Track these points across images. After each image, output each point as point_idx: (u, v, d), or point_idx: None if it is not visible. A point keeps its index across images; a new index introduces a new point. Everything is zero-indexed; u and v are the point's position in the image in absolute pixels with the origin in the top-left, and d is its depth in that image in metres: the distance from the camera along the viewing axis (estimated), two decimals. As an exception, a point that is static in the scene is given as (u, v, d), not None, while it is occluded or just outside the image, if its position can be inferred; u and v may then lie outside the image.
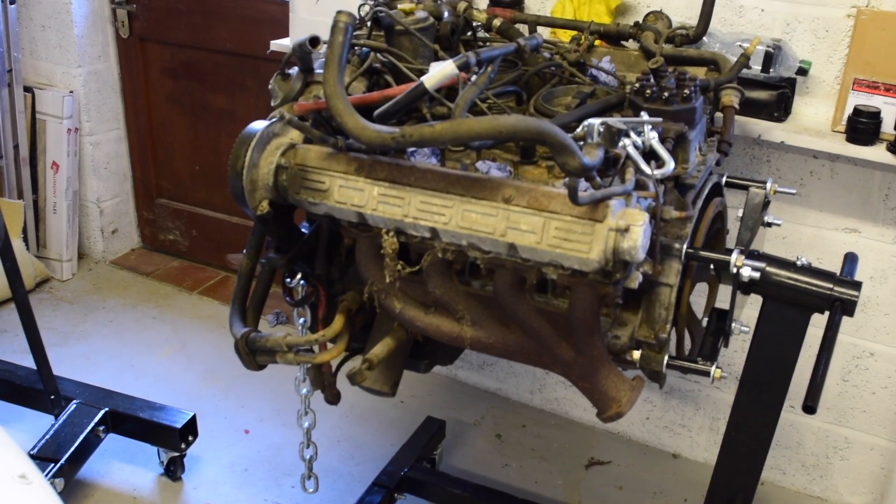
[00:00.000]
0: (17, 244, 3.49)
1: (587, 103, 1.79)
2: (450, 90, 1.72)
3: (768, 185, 1.90)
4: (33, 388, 2.63)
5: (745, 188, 1.93)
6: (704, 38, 2.18)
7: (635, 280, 1.58)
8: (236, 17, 3.29)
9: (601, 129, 1.53)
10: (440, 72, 1.56)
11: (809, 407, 1.60)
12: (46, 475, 2.33)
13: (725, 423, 2.65)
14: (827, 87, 2.23)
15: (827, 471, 2.63)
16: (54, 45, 3.47)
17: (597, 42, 2.15)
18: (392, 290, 1.77)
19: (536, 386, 3.00)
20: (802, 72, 2.19)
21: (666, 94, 1.71)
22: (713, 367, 1.72)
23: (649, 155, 1.60)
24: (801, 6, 2.19)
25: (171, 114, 3.63)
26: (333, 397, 2.04)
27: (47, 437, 2.46)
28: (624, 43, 2.16)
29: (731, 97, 1.96)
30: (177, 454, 2.62)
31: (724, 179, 1.96)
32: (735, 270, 1.65)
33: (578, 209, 1.47)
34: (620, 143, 1.57)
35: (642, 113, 1.64)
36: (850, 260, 1.86)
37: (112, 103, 3.65)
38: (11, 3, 3.33)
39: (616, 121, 1.55)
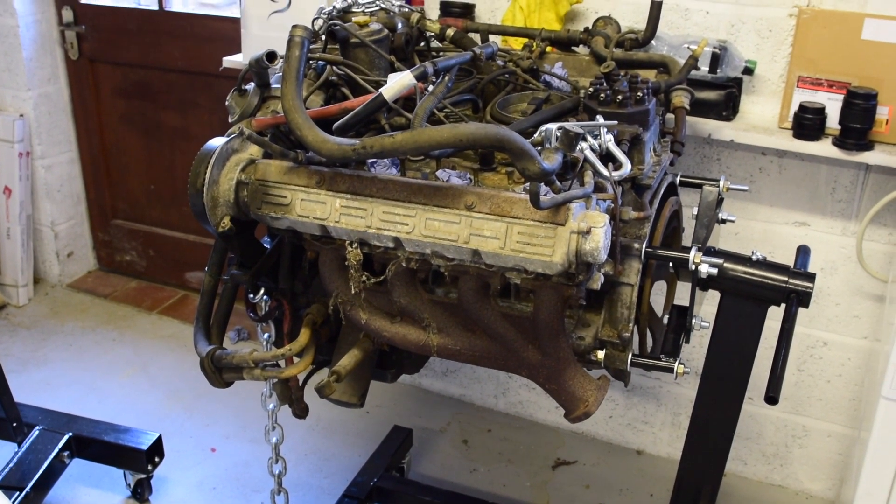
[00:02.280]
0: (-30, 271, 3.45)
1: (542, 109, 1.83)
2: (407, 101, 1.74)
3: (721, 183, 1.95)
4: (-3, 417, 2.59)
5: (699, 186, 1.98)
6: (653, 42, 2.23)
7: (597, 281, 1.61)
8: (187, 35, 3.28)
9: (559, 134, 1.56)
10: (398, 82, 1.58)
11: (772, 398, 1.64)
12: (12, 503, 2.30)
13: (687, 418, 2.72)
14: (773, 85, 2.29)
15: (787, 459, 2.69)
16: (2, 69, 3.42)
17: (548, 49, 2.19)
18: (357, 301, 1.79)
19: (500, 390, 3.03)
20: (748, 71, 2.25)
21: (619, 97, 1.75)
22: (676, 363, 1.76)
23: (606, 157, 1.64)
24: (744, 7, 2.25)
25: (125, 134, 3.61)
26: (301, 411, 2.04)
27: (11, 464, 2.43)
28: (575, 49, 2.20)
29: (681, 98, 2.01)
30: (144, 476, 2.59)
31: (678, 179, 2.00)
32: (693, 267, 1.69)
33: (540, 213, 1.50)
34: (578, 147, 1.61)
35: (597, 116, 1.68)
36: (804, 253, 1.91)
37: (63, 126, 3.61)
38: (-45, 27, 3.28)
39: (573, 125, 1.59)
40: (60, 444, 2.51)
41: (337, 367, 1.84)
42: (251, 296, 2.01)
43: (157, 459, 2.59)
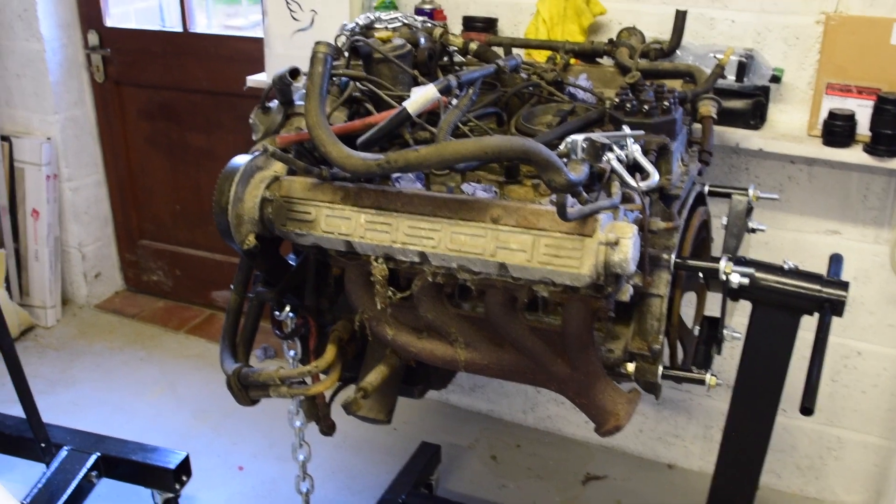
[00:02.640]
0: (1, 293, 3.47)
1: (568, 121, 1.81)
2: (431, 115, 1.74)
3: (750, 192, 1.92)
4: (23, 436, 2.60)
5: (728, 196, 1.95)
6: (678, 52, 2.22)
7: (626, 293, 1.59)
8: (210, 56, 3.30)
9: (584, 145, 1.54)
10: (422, 96, 1.57)
11: (807, 409, 1.61)
12: (41, 524, 2.30)
13: (719, 430, 2.68)
14: (800, 93, 2.26)
15: (822, 472, 2.64)
16: (30, 94, 3.46)
17: (572, 61, 2.17)
18: (383, 316, 1.77)
19: (529, 405, 3.00)
20: (776, 79, 2.23)
21: (646, 107, 1.73)
22: (708, 375, 1.73)
23: (633, 168, 1.63)
24: (770, 15, 2.23)
25: (150, 156, 3.63)
26: (328, 428, 2.03)
27: (39, 485, 2.43)
28: (599, 60, 2.19)
29: (708, 107, 1.99)
30: (171, 495, 2.59)
31: (706, 189, 1.97)
32: (724, 277, 1.66)
33: (567, 225, 1.48)
34: (604, 158, 1.59)
35: (623, 127, 1.66)
36: (836, 261, 1.89)
37: (90, 148, 3.65)
38: (-17, 52, 3.33)
39: (599, 136, 1.57)
40: (88, 465, 2.51)
41: (364, 383, 1.83)
42: (277, 313, 2.00)
43: (184, 478, 2.59)
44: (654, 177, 1.59)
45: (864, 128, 2.12)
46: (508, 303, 1.66)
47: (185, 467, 2.58)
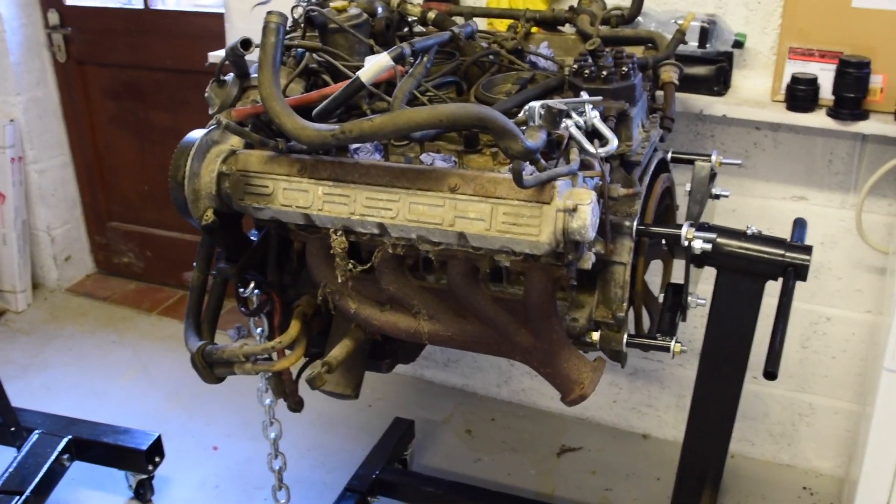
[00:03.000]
0: (-33, 279, 3.43)
1: (527, 89, 1.79)
2: (390, 85, 1.71)
3: (713, 158, 1.91)
4: (-5, 422, 2.57)
5: (691, 162, 1.94)
6: (640, 19, 2.20)
7: (588, 261, 1.58)
8: (174, 34, 3.25)
9: (542, 112, 1.53)
10: (375, 65, 1.55)
11: (770, 373, 1.61)
12: (11, 509, 2.28)
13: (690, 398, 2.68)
14: (763, 58, 2.25)
15: (794, 438, 2.65)
16: (-10, 75, 3.41)
17: (534, 29, 2.15)
18: (346, 290, 1.76)
19: (503, 379, 3.00)
20: (738, 44, 2.22)
21: (604, 72, 1.71)
22: (673, 342, 1.73)
23: (593, 134, 1.61)
24: (732, -20, 2.22)
25: (116, 136, 3.58)
26: (296, 404, 2.01)
27: (10, 469, 2.41)
28: (561, 28, 2.17)
29: (669, 73, 1.98)
30: (145, 476, 2.57)
31: (669, 155, 1.96)
32: (686, 243, 1.65)
33: (525, 193, 1.46)
34: (563, 125, 1.57)
35: (582, 93, 1.65)
36: (800, 225, 1.88)
37: (55, 129, 3.59)
38: (-59, 34, 3.26)
39: (556, 102, 1.55)
40: (60, 447, 2.49)
41: (328, 357, 1.81)
42: (241, 290, 1.98)
43: (157, 459, 2.57)
44: (613, 143, 1.58)
45: (827, 92, 2.11)
46: (470, 273, 1.65)
47: (157, 448, 2.57)
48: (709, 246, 1.67)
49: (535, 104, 1.53)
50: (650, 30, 2.07)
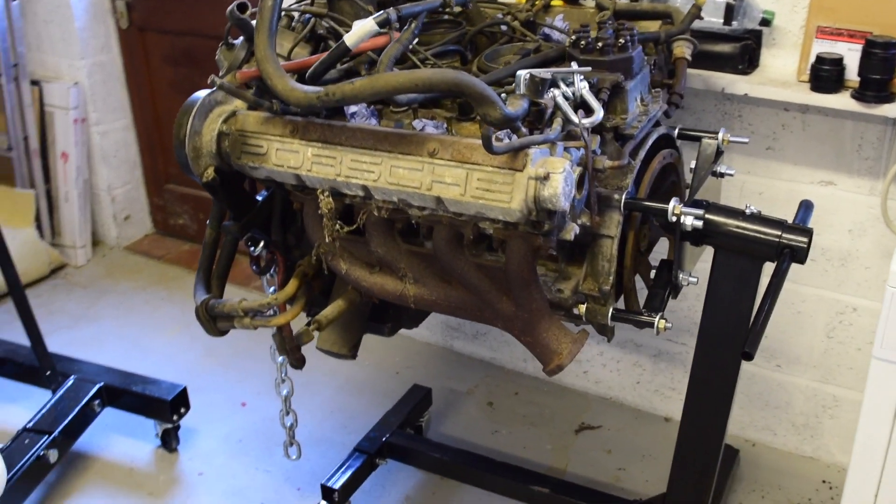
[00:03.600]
0: (30, 232, 3.61)
1: (525, 58, 1.79)
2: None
3: (720, 136, 1.88)
4: (34, 366, 2.71)
5: (698, 139, 1.91)
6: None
7: (570, 231, 1.58)
8: (228, 2, 3.32)
9: (526, 80, 1.54)
10: (360, 29, 1.57)
11: (747, 353, 1.58)
12: (40, 447, 2.41)
13: (714, 384, 2.64)
14: (793, 37, 2.19)
15: (817, 430, 2.59)
16: (58, 39, 3.56)
17: (555, 2, 2.14)
18: (337, 250, 1.80)
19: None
20: (766, 22, 2.16)
21: (601, 44, 1.70)
22: (657, 318, 1.71)
23: (583, 106, 1.60)
24: (763, -46, 2.16)
25: (175, 101, 3.69)
26: (297, 361, 2.06)
27: (43, 411, 2.55)
28: (581, 1, 2.15)
29: (682, 48, 1.95)
30: (170, 426, 2.68)
31: (676, 131, 1.93)
32: (673, 219, 1.63)
33: (498, 159, 1.48)
34: (549, 95, 1.57)
35: (572, 63, 1.64)
36: (805, 207, 1.84)
37: (117, 93, 3.74)
38: (13, -2, 3.43)
39: (542, 71, 1.55)
40: (91, 393, 2.61)
41: (318, 316, 1.86)
42: (251, 248, 2.05)
43: (182, 410, 2.68)
44: (599, 114, 1.57)
45: (852, 73, 2.04)
46: (454, 239, 1.67)
47: (182, 399, 2.67)
48: (700, 223, 1.64)
49: (522, 72, 1.54)
50: (668, 4, 2.03)
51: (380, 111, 1.72)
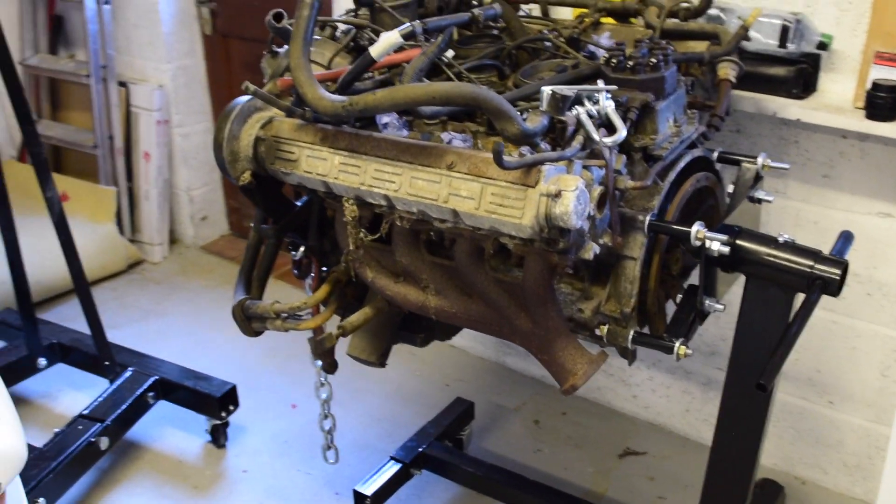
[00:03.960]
0: (110, 228, 3.77)
1: (558, 75, 1.79)
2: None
3: (759, 160, 1.84)
4: (97, 356, 2.83)
5: (738, 163, 1.87)
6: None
7: (589, 251, 1.57)
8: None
9: (548, 96, 1.54)
10: (385, 41, 1.60)
11: (761, 385, 1.53)
12: (92, 433, 2.51)
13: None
14: (852, 61, 2.11)
15: (870, 472, 2.48)
16: (145, 43, 3.72)
17: (607, 20, 2.13)
18: (365, 258, 1.83)
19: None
20: (823, 46, 2.09)
21: (632, 63, 1.68)
22: (677, 344, 1.67)
23: (609, 124, 1.59)
24: (823, -23, 2.09)
25: (253, 106, 3.81)
26: (329, 366, 2.10)
27: (99, 399, 2.65)
28: (633, 20, 2.13)
29: (727, 70, 1.91)
30: (218, 422, 2.75)
31: (715, 154, 1.89)
32: (697, 244, 1.60)
33: (512, 175, 1.48)
34: (574, 112, 1.57)
35: (599, 81, 1.63)
36: (844, 238, 1.77)
37: (199, 97, 3.88)
38: (105, 3, 3.59)
39: (565, 88, 1.55)
40: (146, 386, 2.71)
41: (343, 322, 1.89)
42: (293, 253, 2.10)
43: (231, 408, 2.75)
44: (621, 133, 1.55)
45: (912, 101, 1.96)
46: (475, 253, 1.67)
47: (231, 397, 2.75)
48: (726, 249, 1.60)
49: (546, 88, 1.54)
50: (716, 24, 2.00)
51: (410, 122, 1.75)
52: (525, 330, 1.70)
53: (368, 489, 2.35)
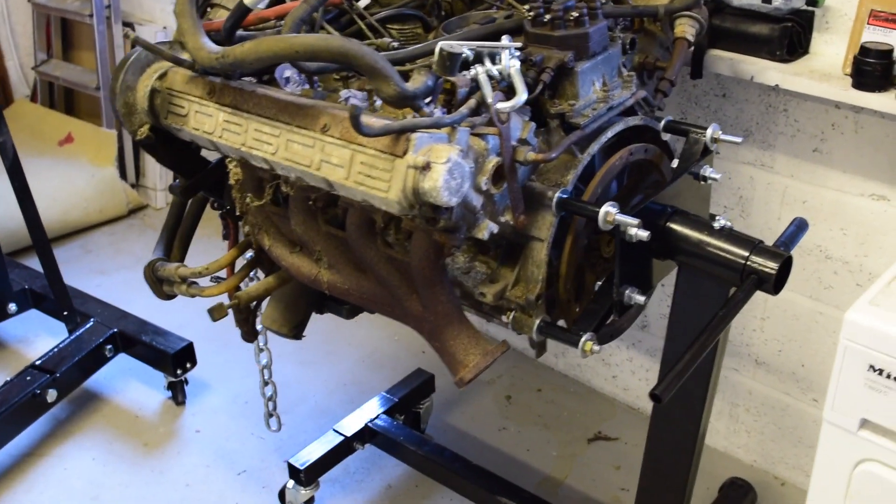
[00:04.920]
0: (110, 171, 3.71)
1: (477, 28, 1.59)
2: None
3: (709, 132, 1.60)
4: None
5: (686, 134, 1.64)
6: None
7: (483, 230, 1.40)
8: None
9: (438, 55, 1.35)
10: (258, -14, 1.43)
11: (655, 395, 1.34)
12: (39, 385, 2.45)
13: (745, 410, 2.37)
14: (848, 21, 1.84)
15: (854, 479, 2.24)
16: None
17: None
18: (261, 224, 1.68)
19: (561, 349, 2.79)
20: (814, 2, 1.83)
21: (548, 17, 1.47)
22: (583, 339, 1.48)
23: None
24: (818, -78, 1.82)
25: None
26: (247, 334, 1.97)
27: (54, 350, 2.59)
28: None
29: (684, 27, 1.68)
30: (173, 379, 2.67)
31: (662, 124, 1.67)
32: (608, 227, 1.40)
33: (382, 142, 1.30)
34: (472, 72, 1.38)
35: (504, 37, 1.42)
36: (796, 226, 1.56)
37: (205, 39, 3.75)
38: (108, -61, 3.49)
39: (460, 44, 1.36)
40: (103, 338, 2.64)
41: (239, 292, 1.75)
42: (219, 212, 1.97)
43: (188, 366, 2.66)
44: (520, 97, 1.35)
45: (907, 68, 1.69)
46: (365, 225, 1.50)
47: (187, 354, 2.66)
48: (644, 234, 1.40)
49: (441, 45, 1.35)
50: (682, -25, 1.75)
51: (308, 77, 1.57)
52: (416, 313, 1.53)
53: (301, 462, 2.23)
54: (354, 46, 1.30)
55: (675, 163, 1.65)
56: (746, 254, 1.44)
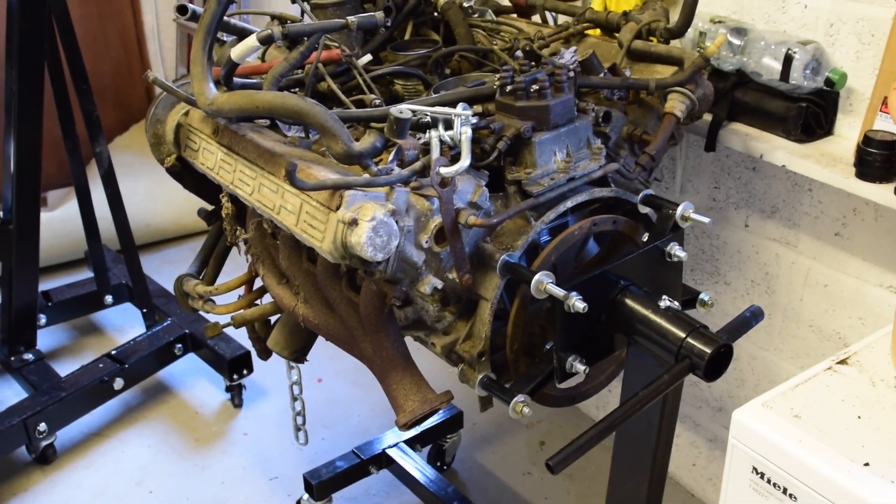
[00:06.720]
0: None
1: (455, 91, 1.66)
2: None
3: (679, 210, 1.60)
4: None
5: (660, 209, 1.64)
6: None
7: (426, 284, 1.48)
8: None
9: (392, 118, 1.44)
10: (244, 44, 1.56)
11: (549, 466, 1.36)
12: (107, 373, 2.71)
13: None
14: (868, 105, 1.78)
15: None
16: None
17: (591, 31, 1.95)
18: (261, 254, 1.82)
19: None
20: (830, 83, 1.78)
21: (511, 88, 1.53)
22: (513, 401, 1.51)
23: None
24: (845, 3, 1.77)
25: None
26: (260, 352, 2.11)
27: (130, 343, 2.85)
28: (617, 35, 1.92)
29: (674, 103, 1.68)
30: (230, 383, 2.87)
31: (639, 197, 1.67)
32: (539, 295, 1.44)
33: (323, 195, 1.41)
34: (426, 136, 1.47)
35: (459, 105, 1.49)
36: (750, 313, 1.54)
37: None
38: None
39: (410, 109, 1.45)
40: (174, 338, 2.87)
41: (236, 314, 1.90)
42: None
43: (244, 371, 2.85)
44: (462, 163, 1.42)
45: (911, 161, 1.62)
46: (332, 267, 1.61)
47: (243, 361, 2.84)
48: (581, 305, 1.43)
49: (392, 110, 1.45)
50: (683, 49, 1.75)
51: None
52: (368, 355, 1.62)
53: (315, 477, 2.36)
54: (307, 106, 1.41)
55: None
56: (683, 336, 1.44)
